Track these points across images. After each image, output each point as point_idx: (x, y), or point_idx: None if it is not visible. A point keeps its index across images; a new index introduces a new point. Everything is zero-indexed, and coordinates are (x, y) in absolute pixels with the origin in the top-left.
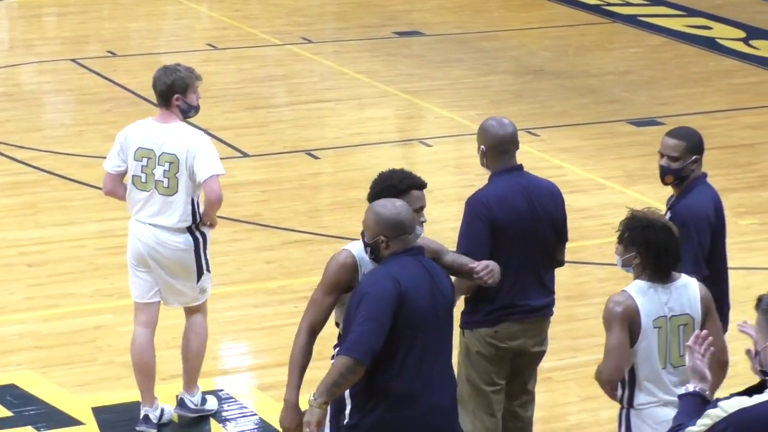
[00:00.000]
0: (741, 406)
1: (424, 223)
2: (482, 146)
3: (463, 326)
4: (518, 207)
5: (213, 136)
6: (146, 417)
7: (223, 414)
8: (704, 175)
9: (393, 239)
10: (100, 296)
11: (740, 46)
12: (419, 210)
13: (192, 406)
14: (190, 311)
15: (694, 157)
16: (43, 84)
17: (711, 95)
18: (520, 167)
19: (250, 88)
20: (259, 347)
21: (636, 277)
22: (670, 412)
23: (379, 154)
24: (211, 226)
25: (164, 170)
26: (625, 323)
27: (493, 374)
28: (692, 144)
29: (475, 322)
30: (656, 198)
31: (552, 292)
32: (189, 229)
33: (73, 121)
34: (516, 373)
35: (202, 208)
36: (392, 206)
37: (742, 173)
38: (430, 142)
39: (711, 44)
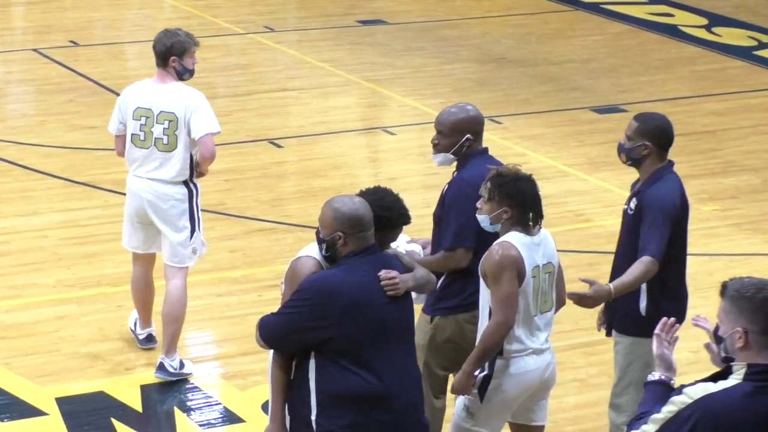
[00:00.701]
0: (706, 392)
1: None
2: (468, 135)
3: (433, 313)
4: None
5: None
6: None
7: (188, 404)
8: (671, 164)
9: (351, 236)
10: (63, 286)
11: (702, 33)
12: (392, 241)
13: (171, 370)
14: (172, 275)
15: (644, 142)
16: (5, 74)
17: (673, 82)
18: (487, 150)
19: (213, 77)
20: (223, 336)
21: (506, 232)
22: (535, 360)
23: (343, 143)
24: (201, 175)
25: (164, 128)
26: (515, 271)
27: (454, 361)
28: (645, 128)
29: (451, 307)
30: (619, 185)
31: None
32: (184, 182)
33: (35, 111)
34: None
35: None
36: (350, 202)
37: (705, 160)
38: (394, 131)
39: (673, 31)
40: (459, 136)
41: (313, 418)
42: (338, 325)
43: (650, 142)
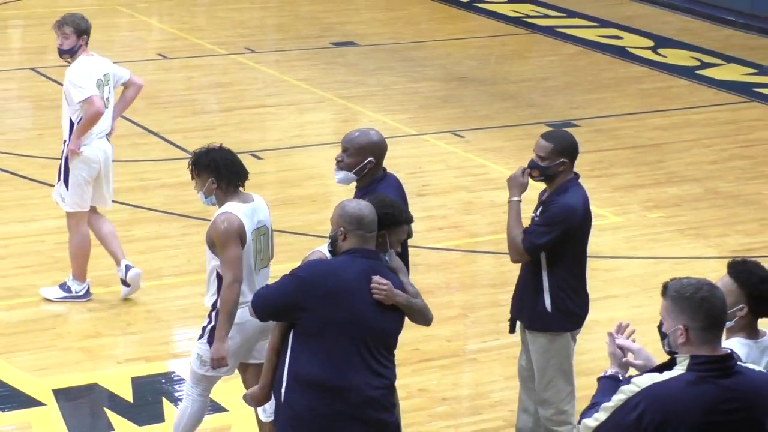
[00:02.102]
0: (653, 381)
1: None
2: (371, 158)
3: None
4: None
5: (163, 139)
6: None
7: (175, 394)
8: (577, 176)
9: (350, 232)
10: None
11: (649, 54)
12: (399, 241)
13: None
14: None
15: (561, 160)
16: (4, 91)
17: (622, 99)
18: (386, 173)
19: (198, 94)
20: None
21: (223, 203)
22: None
23: (318, 155)
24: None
25: (110, 89)
26: (239, 238)
27: None
28: (560, 147)
29: None
30: None
31: None
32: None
33: (32, 125)
34: None
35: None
36: (356, 204)
37: (651, 170)
38: None
39: (622, 52)
40: (363, 158)
41: (282, 393)
42: (319, 307)
43: (567, 159)
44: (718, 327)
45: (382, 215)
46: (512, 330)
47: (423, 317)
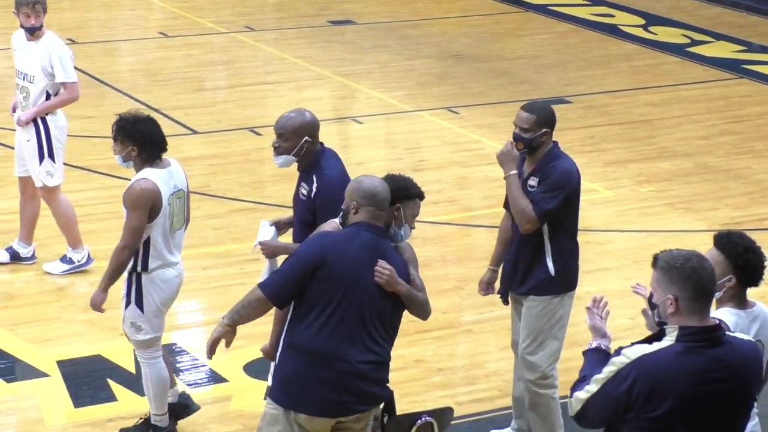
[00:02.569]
0: (643, 353)
1: (412, 230)
2: (307, 137)
3: None
4: None
5: (165, 116)
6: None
7: (177, 365)
8: (556, 144)
9: (362, 207)
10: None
11: (640, 32)
12: (414, 216)
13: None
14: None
15: (544, 130)
16: (9, 69)
17: (613, 76)
18: (324, 147)
19: (198, 72)
20: (209, 305)
21: (140, 168)
22: (174, 270)
23: None
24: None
25: None
26: (148, 208)
27: None
28: (542, 118)
29: None
30: None
31: None
32: None
33: None
34: None
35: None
36: (371, 180)
37: (641, 146)
38: (362, 120)
39: (613, 30)
40: (299, 139)
41: (277, 356)
42: (317, 278)
43: (548, 129)
44: (707, 298)
45: (395, 188)
46: (506, 301)
47: (421, 311)
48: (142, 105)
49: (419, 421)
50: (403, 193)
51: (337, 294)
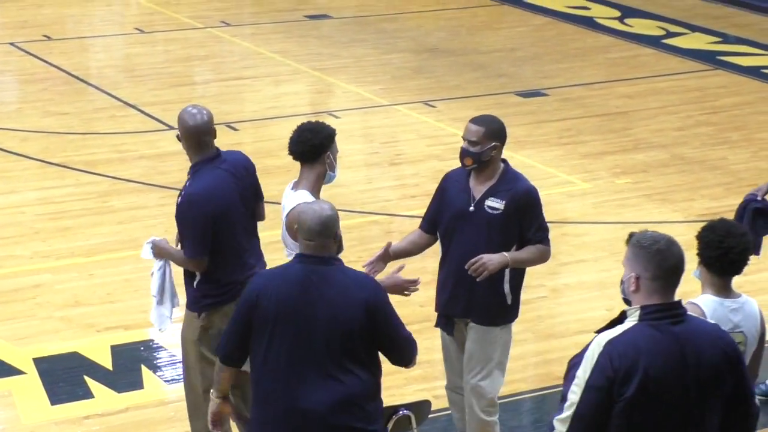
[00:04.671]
0: (611, 336)
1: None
2: (497, 142)
3: (200, 310)
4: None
5: (142, 112)
6: None
7: (155, 362)
8: (507, 161)
9: (298, 236)
10: (39, 257)
11: (615, 24)
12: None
13: None
14: None
15: (493, 143)
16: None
17: (589, 69)
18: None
19: (175, 67)
20: (184, 301)
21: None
22: None
23: (293, 126)
24: None
25: None
26: None
27: None
28: (490, 130)
29: (215, 303)
30: (541, 161)
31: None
32: None
33: (12, 99)
34: None
35: None
36: (301, 208)
37: (618, 138)
38: (338, 114)
39: (589, 23)
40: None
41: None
42: (257, 318)
43: (498, 142)
44: (668, 280)
45: (322, 138)
46: (449, 330)
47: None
48: (118, 101)
49: (396, 415)
50: (328, 140)
51: (266, 330)
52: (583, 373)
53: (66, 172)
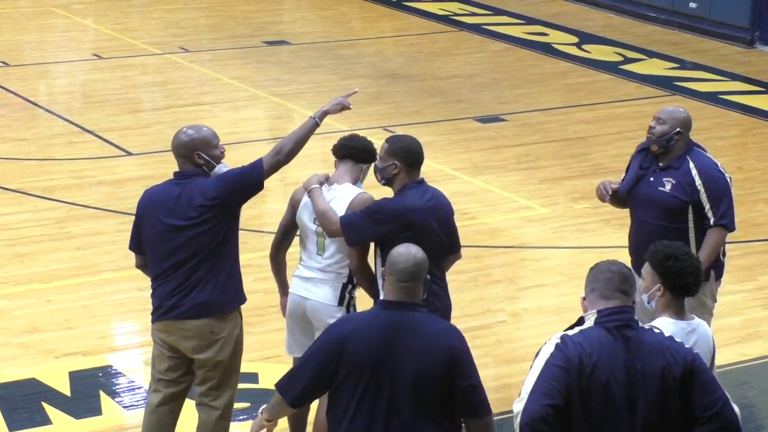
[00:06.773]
0: (567, 334)
1: None
2: (396, 161)
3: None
4: None
5: (99, 137)
6: None
7: (113, 388)
8: (420, 180)
9: (387, 276)
10: None
11: (573, 50)
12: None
13: None
14: None
15: (392, 162)
16: None
17: (548, 94)
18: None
19: (133, 93)
20: (145, 327)
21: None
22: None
23: (253, 152)
24: None
25: None
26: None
27: None
28: (394, 149)
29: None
30: (500, 186)
31: None
32: None
33: None
34: None
35: None
36: (398, 249)
37: (576, 163)
38: None
39: (547, 49)
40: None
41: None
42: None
43: (398, 161)
44: (600, 292)
45: (367, 149)
46: None
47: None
48: (76, 127)
49: None
50: (374, 157)
51: (352, 380)
52: (537, 364)
53: (23, 198)
